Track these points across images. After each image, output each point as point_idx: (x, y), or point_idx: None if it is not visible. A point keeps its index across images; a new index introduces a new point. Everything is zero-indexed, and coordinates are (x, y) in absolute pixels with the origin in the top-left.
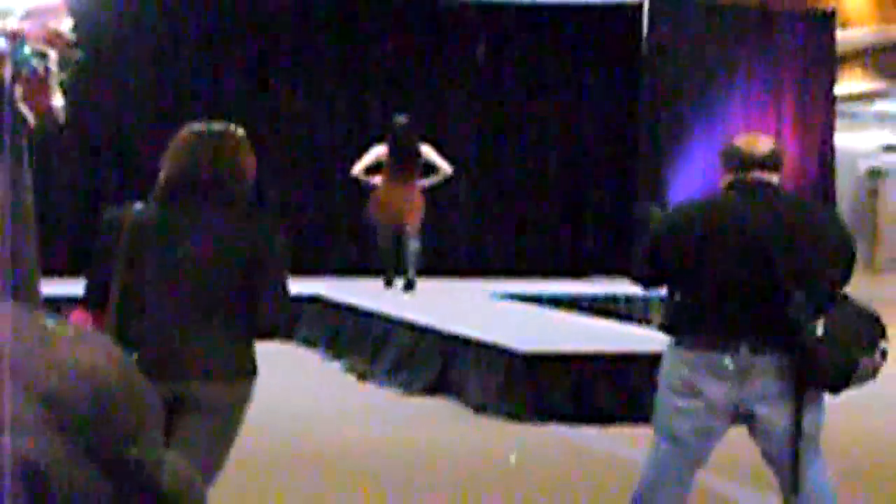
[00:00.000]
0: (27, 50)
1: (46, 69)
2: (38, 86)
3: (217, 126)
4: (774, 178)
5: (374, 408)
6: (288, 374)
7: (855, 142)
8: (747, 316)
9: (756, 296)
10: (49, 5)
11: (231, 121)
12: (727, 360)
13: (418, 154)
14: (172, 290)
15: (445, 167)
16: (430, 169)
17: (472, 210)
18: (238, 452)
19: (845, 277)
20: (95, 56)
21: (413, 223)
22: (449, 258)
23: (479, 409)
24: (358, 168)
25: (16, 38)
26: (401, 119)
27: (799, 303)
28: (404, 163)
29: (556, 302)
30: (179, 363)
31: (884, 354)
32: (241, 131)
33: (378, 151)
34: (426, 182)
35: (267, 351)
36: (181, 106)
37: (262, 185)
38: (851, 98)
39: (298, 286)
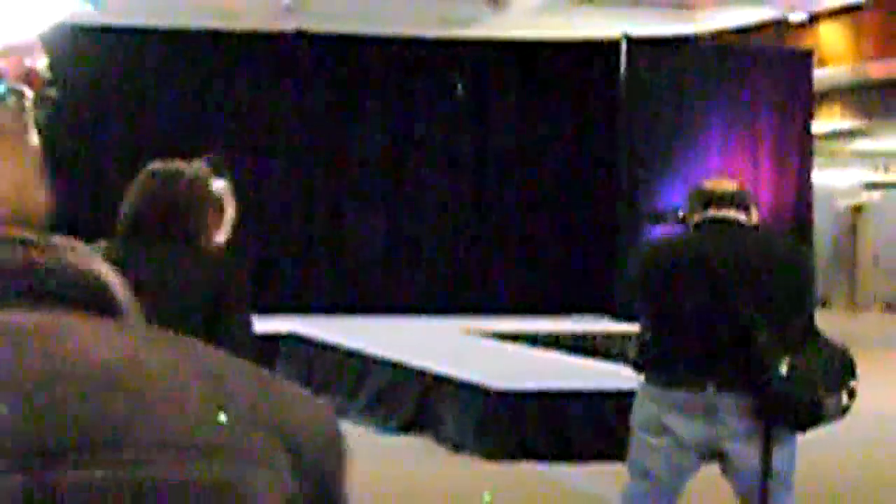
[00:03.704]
0: (2, 87)
1: (22, 107)
2: None
3: (174, 165)
4: (741, 216)
5: (351, 445)
6: None
7: (835, 179)
8: (713, 354)
9: (720, 333)
10: (25, 43)
11: (209, 156)
12: (693, 398)
13: None
14: None
15: None
16: None
17: (451, 248)
18: None
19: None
20: (71, 95)
21: None
22: (427, 296)
23: (456, 446)
24: None
25: None
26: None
27: (762, 342)
28: None
29: (533, 339)
30: None
31: (851, 393)
32: (198, 168)
33: None
34: None
35: None
36: (157, 145)
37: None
38: (831, 136)
39: (275, 324)
